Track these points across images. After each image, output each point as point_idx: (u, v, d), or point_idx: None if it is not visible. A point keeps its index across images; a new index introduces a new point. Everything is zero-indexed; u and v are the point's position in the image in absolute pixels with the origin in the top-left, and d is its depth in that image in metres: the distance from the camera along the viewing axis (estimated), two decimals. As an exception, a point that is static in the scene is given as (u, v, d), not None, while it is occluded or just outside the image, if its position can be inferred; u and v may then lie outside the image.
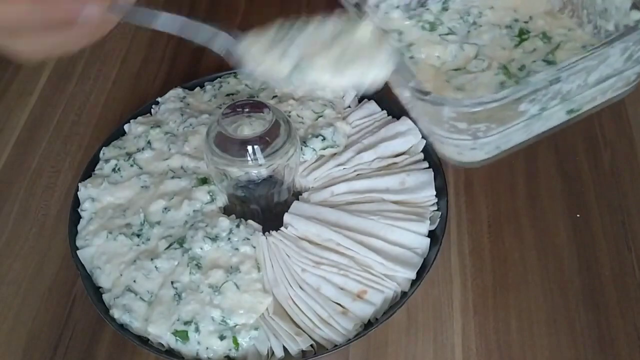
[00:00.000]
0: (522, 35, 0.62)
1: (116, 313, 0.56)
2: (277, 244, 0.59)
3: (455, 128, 0.50)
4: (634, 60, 0.51)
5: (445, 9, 0.64)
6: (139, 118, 0.69)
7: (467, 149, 0.52)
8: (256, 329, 0.55)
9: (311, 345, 0.54)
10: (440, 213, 0.61)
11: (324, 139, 0.65)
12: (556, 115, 0.52)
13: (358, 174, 0.64)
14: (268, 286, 0.57)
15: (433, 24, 0.63)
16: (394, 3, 0.63)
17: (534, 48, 0.60)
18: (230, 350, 0.54)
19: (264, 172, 0.57)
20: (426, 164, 0.64)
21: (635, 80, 0.53)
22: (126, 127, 0.69)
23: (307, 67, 0.45)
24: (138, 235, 0.60)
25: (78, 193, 0.64)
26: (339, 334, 0.55)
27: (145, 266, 0.58)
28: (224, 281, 0.56)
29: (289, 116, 0.65)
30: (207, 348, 0.54)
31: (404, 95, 0.52)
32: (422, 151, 0.65)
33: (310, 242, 0.59)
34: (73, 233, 0.62)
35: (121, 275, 0.58)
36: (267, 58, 0.45)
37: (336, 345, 0.54)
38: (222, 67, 0.75)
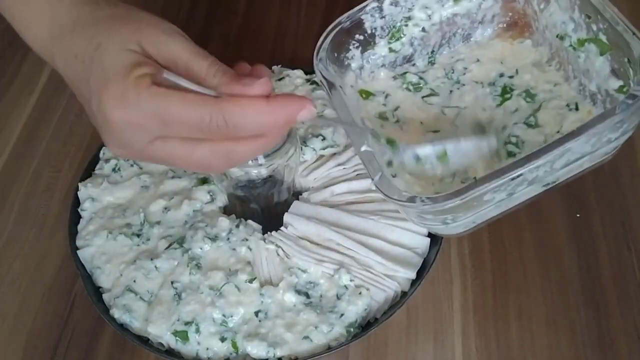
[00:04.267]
0: (505, 94, 0.58)
1: (116, 313, 0.56)
2: (276, 243, 0.59)
3: (424, 218, 0.50)
4: (604, 142, 0.49)
5: (432, 63, 0.62)
6: (139, 118, 0.69)
7: (442, 229, 0.52)
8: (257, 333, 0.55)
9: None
10: (440, 213, 0.61)
11: (324, 138, 0.65)
12: (531, 192, 0.51)
13: (358, 174, 0.64)
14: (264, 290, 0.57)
15: (417, 85, 0.60)
16: (379, 62, 0.61)
17: (517, 108, 0.57)
18: (231, 354, 0.54)
19: (264, 171, 0.57)
20: (426, 164, 0.64)
21: (616, 148, 0.51)
22: (126, 127, 0.69)
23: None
24: (138, 235, 0.60)
25: (78, 193, 0.64)
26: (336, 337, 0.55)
27: (145, 266, 0.58)
28: (225, 282, 0.56)
29: (289, 116, 0.65)
30: (207, 348, 0.54)
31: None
32: (422, 151, 0.65)
33: (310, 241, 0.59)
34: (73, 233, 0.62)
35: (121, 275, 0.58)
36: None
37: (330, 347, 0.54)
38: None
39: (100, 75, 0.41)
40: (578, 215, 0.64)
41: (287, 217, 0.60)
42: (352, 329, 0.55)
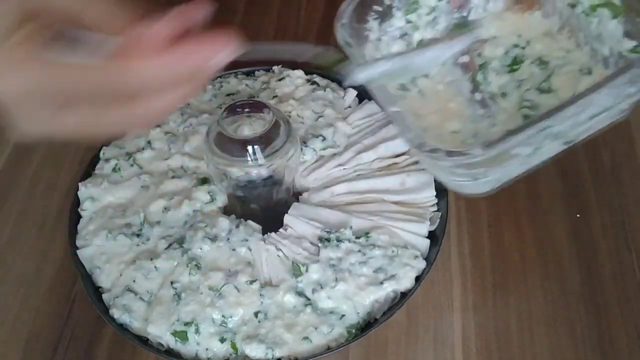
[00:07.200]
0: (514, 65, 0.61)
1: (116, 313, 0.56)
2: (276, 245, 0.59)
3: (455, 173, 0.52)
4: (624, 96, 0.50)
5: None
6: (139, 118, 0.69)
7: (470, 186, 0.54)
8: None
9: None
10: (440, 213, 0.61)
11: (324, 139, 0.65)
12: (553, 148, 0.53)
13: (358, 174, 0.64)
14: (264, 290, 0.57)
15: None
16: (396, 34, 0.62)
17: (529, 75, 0.60)
18: (230, 354, 0.54)
19: (264, 172, 0.57)
20: (426, 164, 0.64)
21: (632, 104, 0.53)
22: (126, 127, 0.69)
23: None
24: (138, 235, 0.60)
25: (78, 193, 0.64)
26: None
27: (145, 266, 0.58)
28: (224, 284, 0.56)
29: (289, 116, 0.65)
30: (206, 349, 0.54)
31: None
32: (422, 151, 0.65)
33: (311, 243, 0.59)
34: (73, 233, 0.62)
35: (121, 275, 0.58)
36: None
37: (330, 348, 0.54)
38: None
39: None
40: (578, 215, 0.64)
41: (287, 219, 0.60)
42: (352, 330, 0.55)
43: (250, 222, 0.60)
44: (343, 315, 0.55)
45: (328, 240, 0.58)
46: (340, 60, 0.47)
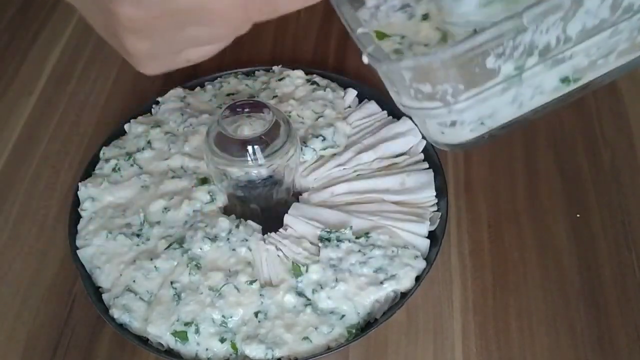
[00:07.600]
0: None
1: (116, 313, 0.56)
2: (276, 245, 0.59)
3: (422, 93, 0.42)
4: (624, 9, 0.39)
5: None
6: (139, 118, 0.69)
7: (448, 125, 0.44)
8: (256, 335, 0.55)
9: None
10: (440, 213, 0.61)
11: (324, 139, 0.65)
12: (548, 84, 0.42)
13: (358, 175, 0.64)
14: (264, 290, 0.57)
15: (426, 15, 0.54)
16: (396, 4, 0.56)
17: None
18: (230, 354, 0.54)
19: (264, 172, 0.57)
20: (426, 165, 0.64)
21: None
22: (126, 126, 0.69)
23: None
24: (138, 235, 0.60)
25: (78, 193, 0.64)
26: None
27: (145, 266, 0.58)
28: (224, 284, 0.56)
29: (289, 116, 0.65)
30: (206, 349, 0.54)
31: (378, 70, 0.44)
32: (422, 152, 0.65)
33: (311, 243, 0.59)
34: (73, 233, 0.62)
35: (121, 275, 0.58)
36: None
37: (329, 348, 0.54)
38: (222, 67, 0.75)
39: None
40: (578, 215, 0.64)
41: (287, 219, 0.60)
42: (352, 330, 0.55)
43: (250, 222, 0.60)
44: (343, 316, 0.55)
45: (328, 240, 0.58)
46: None
